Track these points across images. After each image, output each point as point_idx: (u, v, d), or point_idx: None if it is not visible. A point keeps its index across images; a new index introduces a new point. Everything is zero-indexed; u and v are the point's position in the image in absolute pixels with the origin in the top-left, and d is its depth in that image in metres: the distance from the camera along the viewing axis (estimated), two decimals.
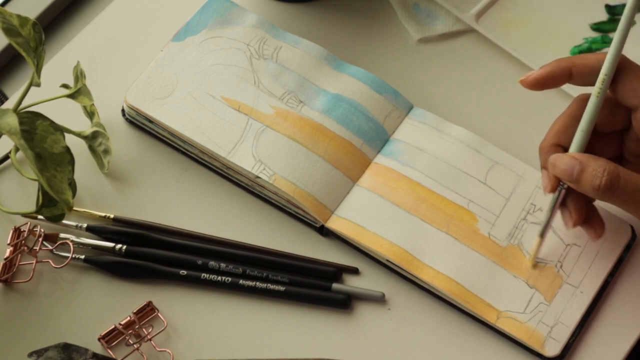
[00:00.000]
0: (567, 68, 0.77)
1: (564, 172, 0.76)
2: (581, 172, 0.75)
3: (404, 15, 0.93)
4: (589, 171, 0.75)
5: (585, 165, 0.75)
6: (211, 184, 0.87)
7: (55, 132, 0.77)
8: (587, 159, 0.75)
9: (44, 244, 0.84)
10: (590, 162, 0.75)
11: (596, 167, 0.74)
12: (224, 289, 0.83)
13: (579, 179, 0.75)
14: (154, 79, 0.87)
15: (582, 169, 0.75)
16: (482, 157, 0.85)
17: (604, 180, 0.74)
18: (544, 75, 0.78)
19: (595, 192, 0.75)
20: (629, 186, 0.74)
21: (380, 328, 0.81)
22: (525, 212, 0.83)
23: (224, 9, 0.90)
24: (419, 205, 0.83)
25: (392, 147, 0.86)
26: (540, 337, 0.79)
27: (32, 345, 0.80)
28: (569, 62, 0.77)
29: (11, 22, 0.79)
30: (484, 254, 0.82)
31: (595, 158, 0.75)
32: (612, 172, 0.74)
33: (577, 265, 0.81)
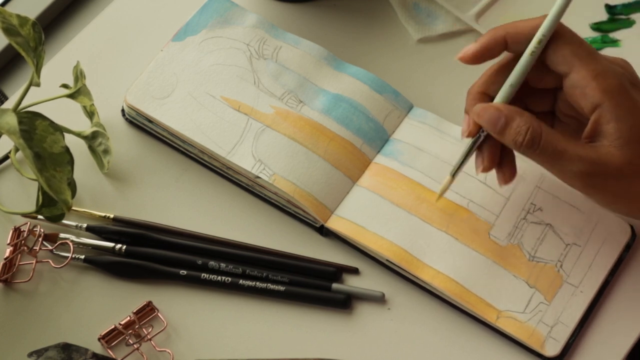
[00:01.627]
0: (501, 37, 0.77)
1: (488, 122, 0.76)
2: (505, 125, 0.75)
3: (404, 15, 0.93)
4: (512, 126, 0.75)
5: (510, 120, 0.75)
6: (211, 184, 0.87)
7: (54, 132, 0.77)
8: (513, 114, 0.75)
9: (44, 244, 0.84)
10: (515, 117, 0.75)
11: (520, 124, 0.74)
12: (224, 289, 0.83)
13: (502, 132, 0.75)
14: (154, 79, 0.87)
15: (507, 122, 0.75)
16: None
17: (526, 137, 0.74)
18: (479, 49, 0.78)
19: (516, 147, 0.75)
20: (548, 147, 0.74)
21: (380, 328, 0.81)
22: (525, 211, 0.83)
23: (223, 9, 0.90)
24: (419, 205, 0.83)
25: (392, 147, 0.86)
26: (540, 337, 0.79)
27: (32, 345, 0.80)
28: (502, 30, 0.77)
29: (11, 21, 0.79)
30: (484, 253, 0.82)
31: (521, 113, 0.75)
32: (535, 131, 0.74)
33: (577, 264, 0.81)
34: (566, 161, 0.74)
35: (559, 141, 0.74)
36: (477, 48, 0.78)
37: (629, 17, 0.93)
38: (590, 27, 0.93)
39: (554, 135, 0.75)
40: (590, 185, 0.75)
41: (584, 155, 0.74)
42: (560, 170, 0.75)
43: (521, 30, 0.77)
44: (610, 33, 0.92)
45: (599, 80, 0.74)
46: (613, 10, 0.93)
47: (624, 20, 0.93)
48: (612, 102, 0.73)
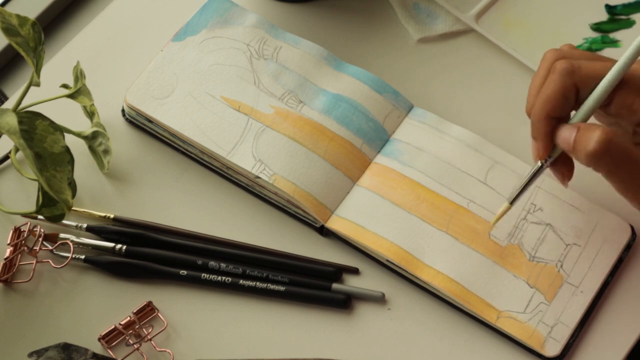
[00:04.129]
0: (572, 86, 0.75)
1: (563, 141, 0.75)
2: (576, 138, 0.74)
3: (404, 15, 0.93)
4: (583, 136, 0.73)
5: (581, 131, 0.74)
6: (211, 184, 0.87)
7: (54, 132, 0.77)
8: (584, 126, 0.74)
9: (44, 244, 0.84)
10: (586, 127, 0.74)
11: (591, 132, 0.73)
12: (224, 289, 0.83)
13: (574, 146, 0.74)
14: (154, 79, 0.87)
15: (578, 135, 0.74)
16: (482, 157, 0.85)
17: (593, 145, 0.72)
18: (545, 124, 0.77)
19: (587, 156, 0.73)
20: (620, 153, 0.73)
21: (380, 328, 0.81)
22: (526, 211, 0.83)
23: (223, 9, 0.90)
24: (419, 205, 0.83)
25: (392, 147, 0.86)
26: (540, 337, 0.79)
27: (32, 345, 0.80)
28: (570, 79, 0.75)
29: (10, 21, 0.79)
30: (484, 253, 0.82)
31: (593, 125, 0.74)
32: (605, 136, 0.72)
33: (577, 265, 0.81)
34: (637, 174, 0.73)
35: (630, 148, 0.73)
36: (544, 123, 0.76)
37: (629, 17, 0.93)
38: (590, 27, 0.93)
39: (626, 142, 0.73)
40: None
41: None
42: (631, 181, 0.74)
43: (592, 73, 0.75)
44: (610, 33, 0.92)
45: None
46: (613, 10, 0.93)
47: (624, 20, 0.93)
48: None
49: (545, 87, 0.76)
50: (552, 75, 0.75)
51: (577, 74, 0.75)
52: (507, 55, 0.91)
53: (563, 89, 0.75)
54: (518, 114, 0.89)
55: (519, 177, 0.84)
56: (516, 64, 0.91)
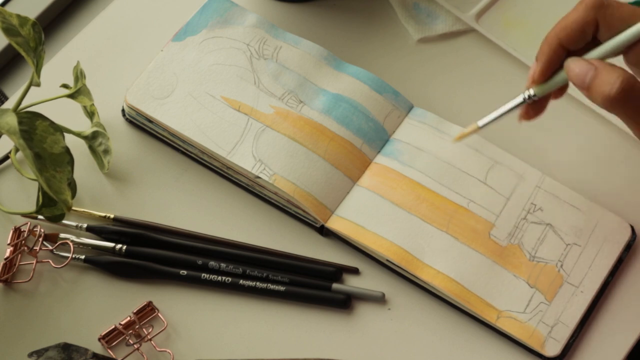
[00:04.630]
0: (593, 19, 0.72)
1: (577, 77, 0.72)
2: (594, 77, 0.71)
3: (404, 15, 0.93)
4: (602, 78, 0.70)
5: (600, 71, 0.71)
6: (211, 184, 0.87)
7: (54, 132, 0.77)
8: (603, 65, 0.71)
9: (44, 244, 0.84)
10: (605, 68, 0.70)
11: (611, 73, 0.70)
12: (224, 289, 0.83)
13: (591, 86, 0.71)
14: (154, 79, 0.87)
15: (595, 74, 0.71)
16: (482, 157, 0.85)
17: (616, 86, 0.70)
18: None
19: (605, 100, 0.70)
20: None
21: (380, 328, 0.81)
22: (526, 211, 0.83)
23: (223, 9, 0.90)
24: (419, 205, 0.83)
25: (392, 147, 0.86)
26: (540, 337, 0.79)
27: (32, 345, 0.80)
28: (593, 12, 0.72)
29: (11, 21, 0.79)
30: (484, 253, 0.82)
31: (612, 66, 0.71)
32: (627, 81, 0.70)
33: (577, 264, 0.81)
34: None
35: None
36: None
37: None
38: None
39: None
40: None
41: None
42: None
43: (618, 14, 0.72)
44: None
45: None
46: None
47: None
48: None
49: (567, 14, 0.74)
50: (579, 5, 0.73)
51: (602, 10, 0.72)
52: (507, 55, 0.91)
53: (584, 21, 0.73)
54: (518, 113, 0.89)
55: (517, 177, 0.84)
56: (516, 64, 0.91)
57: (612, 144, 0.88)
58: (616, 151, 0.87)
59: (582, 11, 0.73)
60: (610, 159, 0.87)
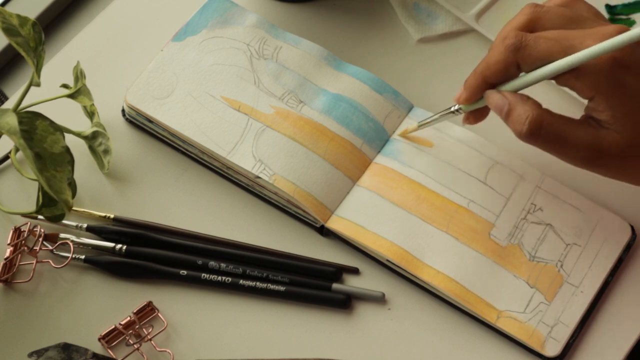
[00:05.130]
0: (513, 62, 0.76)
1: (495, 108, 0.77)
2: (508, 113, 0.75)
3: (404, 15, 0.93)
4: (514, 114, 0.75)
5: (513, 108, 0.75)
6: (211, 184, 0.87)
7: (55, 132, 0.77)
8: (516, 101, 0.75)
9: (44, 244, 0.84)
10: (517, 105, 0.75)
11: (521, 112, 0.75)
12: (224, 289, 0.83)
13: (506, 120, 0.76)
14: (154, 79, 0.87)
15: (509, 110, 0.75)
16: (482, 157, 0.85)
17: (525, 127, 0.74)
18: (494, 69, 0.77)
19: (518, 136, 0.75)
20: (550, 134, 0.74)
21: (380, 328, 0.81)
22: (526, 211, 0.83)
23: (223, 9, 0.90)
24: (419, 205, 0.83)
25: (392, 147, 0.86)
26: (540, 337, 0.79)
27: (32, 345, 0.80)
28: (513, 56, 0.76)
29: (11, 21, 0.79)
30: (484, 253, 0.82)
31: (524, 101, 0.75)
32: (534, 120, 0.74)
33: (577, 264, 0.81)
34: (569, 148, 0.75)
35: (561, 128, 0.75)
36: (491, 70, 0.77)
37: (629, 17, 0.93)
38: None
39: (556, 121, 0.75)
40: (593, 165, 0.76)
41: (586, 140, 0.74)
42: (564, 155, 0.76)
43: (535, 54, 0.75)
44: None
45: (582, 79, 0.74)
46: (613, 10, 0.93)
47: (624, 20, 0.93)
48: (601, 94, 0.73)
49: (490, 52, 0.77)
50: (499, 46, 0.76)
51: (520, 52, 0.75)
52: None
53: (505, 62, 0.76)
54: None
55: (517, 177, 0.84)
56: None
57: None
58: None
59: (502, 54, 0.75)
60: None
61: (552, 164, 0.85)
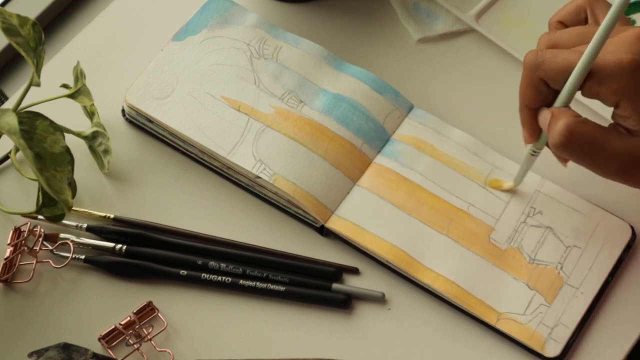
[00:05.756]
0: (539, 80, 0.75)
1: (543, 125, 0.75)
2: (550, 125, 0.74)
3: (404, 15, 0.93)
4: (552, 125, 0.73)
5: (553, 118, 0.74)
6: (211, 184, 0.87)
7: (54, 132, 0.77)
8: (557, 112, 0.74)
9: (44, 244, 0.84)
10: (556, 115, 0.73)
11: (558, 121, 0.73)
12: (224, 289, 0.83)
13: (548, 134, 0.74)
14: (154, 79, 0.87)
15: (551, 122, 0.74)
16: (481, 161, 0.85)
17: (557, 136, 0.73)
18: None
19: (553, 147, 0.74)
20: (584, 144, 0.73)
21: (380, 328, 0.81)
22: (525, 215, 0.83)
23: (224, 9, 0.90)
24: (420, 207, 0.83)
25: (392, 147, 0.86)
26: (540, 338, 0.79)
27: (32, 345, 0.80)
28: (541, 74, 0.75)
29: (11, 21, 0.79)
30: (484, 256, 0.82)
31: (563, 112, 0.74)
32: (568, 127, 0.72)
33: (577, 266, 0.81)
34: (603, 158, 0.73)
35: (594, 137, 0.73)
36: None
37: (629, 17, 0.93)
38: None
39: (591, 130, 0.73)
40: (628, 176, 0.74)
41: (621, 149, 0.73)
42: (599, 167, 0.74)
43: (555, 66, 0.74)
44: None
45: (605, 84, 0.72)
46: None
47: None
48: (626, 98, 0.72)
49: (520, 81, 0.76)
50: (523, 71, 0.75)
51: (540, 68, 0.74)
52: (507, 55, 0.91)
53: (531, 84, 0.75)
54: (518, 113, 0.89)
55: None
56: (516, 64, 0.91)
57: None
58: None
59: (527, 76, 0.75)
60: None
61: (551, 168, 0.85)
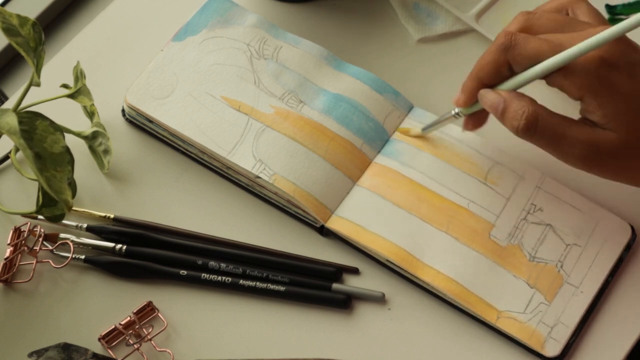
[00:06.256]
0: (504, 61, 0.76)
1: (490, 107, 0.77)
2: (504, 110, 0.76)
3: (404, 15, 0.93)
4: (510, 111, 0.75)
5: (508, 104, 0.76)
6: (211, 184, 0.87)
7: (54, 132, 0.77)
8: (511, 98, 0.76)
9: (44, 244, 0.84)
10: (513, 101, 0.76)
11: (517, 108, 0.75)
12: (224, 289, 0.83)
13: (502, 117, 0.76)
14: (154, 79, 0.87)
15: (505, 107, 0.76)
16: (482, 157, 0.85)
17: (522, 122, 0.75)
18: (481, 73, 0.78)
19: (515, 132, 0.76)
20: (547, 131, 0.75)
21: (380, 328, 0.81)
22: (526, 212, 0.83)
23: (224, 9, 0.90)
24: (419, 205, 0.83)
25: (392, 147, 0.86)
26: (540, 337, 0.79)
27: (32, 345, 0.80)
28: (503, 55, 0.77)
29: (11, 21, 0.79)
30: (484, 253, 0.82)
31: (520, 97, 0.76)
32: (531, 115, 0.75)
33: (577, 265, 0.81)
34: (566, 145, 0.75)
35: (557, 125, 0.75)
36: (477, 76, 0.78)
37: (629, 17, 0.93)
38: None
39: (553, 118, 0.75)
40: (590, 165, 0.76)
41: (583, 138, 0.75)
42: (561, 153, 0.76)
43: (525, 53, 0.76)
44: None
45: (570, 79, 0.74)
46: (613, 10, 0.93)
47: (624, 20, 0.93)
48: (590, 94, 0.74)
49: (483, 54, 0.78)
50: (491, 46, 0.77)
51: (510, 52, 0.76)
52: None
53: (496, 62, 0.77)
54: None
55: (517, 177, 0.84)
56: None
57: None
58: None
59: (494, 53, 0.76)
60: None
61: (552, 165, 0.85)
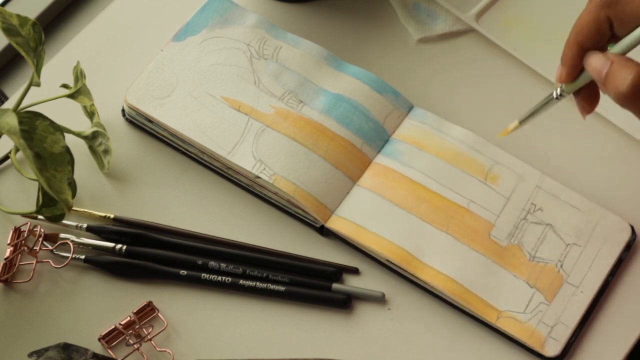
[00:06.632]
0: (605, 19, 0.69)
1: (594, 71, 0.69)
2: (608, 74, 0.68)
3: (404, 15, 0.93)
4: (615, 72, 0.67)
5: (614, 66, 0.68)
6: (211, 184, 0.87)
7: (54, 132, 0.77)
8: (619, 60, 0.68)
9: (44, 244, 0.84)
10: (620, 63, 0.67)
11: (624, 69, 0.67)
12: (224, 289, 0.83)
13: (605, 82, 0.68)
14: (154, 79, 0.87)
15: (610, 70, 0.68)
16: (482, 157, 0.85)
17: (627, 84, 0.67)
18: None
19: (616, 95, 0.68)
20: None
21: (380, 328, 0.81)
22: (526, 211, 0.83)
23: (224, 9, 0.90)
24: (419, 205, 0.83)
25: (392, 147, 0.86)
26: (540, 337, 0.79)
27: (32, 345, 0.80)
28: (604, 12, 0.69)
29: (11, 21, 0.79)
30: (484, 253, 0.82)
31: (627, 60, 0.67)
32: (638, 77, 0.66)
33: (577, 265, 0.81)
34: None
35: None
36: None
37: None
38: None
39: None
40: None
41: None
42: None
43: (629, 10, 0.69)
44: None
45: None
46: None
47: None
48: None
49: (580, 15, 0.71)
50: (589, 4, 0.70)
51: (612, 7, 0.69)
52: (507, 55, 0.91)
53: (596, 21, 0.70)
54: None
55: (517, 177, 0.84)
56: (516, 64, 0.91)
57: (612, 144, 0.88)
58: (616, 151, 0.87)
59: (593, 11, 0.70)
60: (610, 159, 0.87)
61: (552, 164, 0.85)
